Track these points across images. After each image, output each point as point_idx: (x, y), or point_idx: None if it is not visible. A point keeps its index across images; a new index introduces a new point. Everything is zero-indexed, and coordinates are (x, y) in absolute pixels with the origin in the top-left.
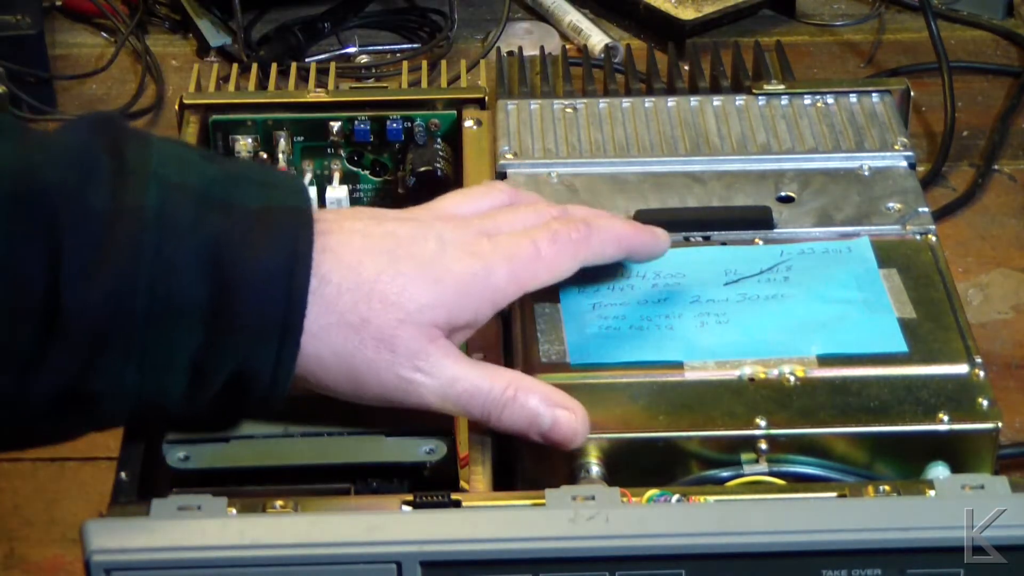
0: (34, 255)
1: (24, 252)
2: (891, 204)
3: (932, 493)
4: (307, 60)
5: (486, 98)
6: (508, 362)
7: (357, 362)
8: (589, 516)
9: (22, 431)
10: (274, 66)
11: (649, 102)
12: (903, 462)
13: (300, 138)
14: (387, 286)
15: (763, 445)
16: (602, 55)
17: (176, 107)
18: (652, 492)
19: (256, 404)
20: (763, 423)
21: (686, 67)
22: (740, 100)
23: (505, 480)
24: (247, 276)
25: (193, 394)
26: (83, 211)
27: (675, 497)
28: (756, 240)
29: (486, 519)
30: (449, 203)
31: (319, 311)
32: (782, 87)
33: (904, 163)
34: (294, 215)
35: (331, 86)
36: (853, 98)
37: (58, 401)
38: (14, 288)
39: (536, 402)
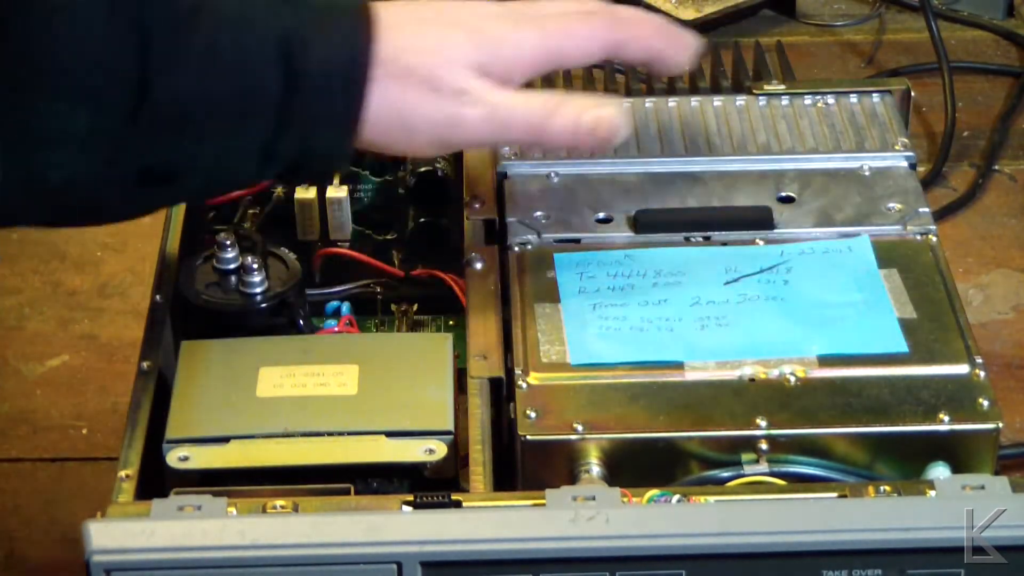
0: (127, 48)
1: (118, 46)
2: (891, 204)
3: (932, 493)
4: None
5: None
6: (508, 362)
7: (406, 109)
8: (589, 516)
9: (99, 207)
10: None
11: (650, 102)
12: (903, 462)
13: None
14: (427, 37)
15: (763, 445)
16: None
17: None
18: (652, 492)
19: (316, 175)
20: (763, 423)
21: None
22: (741, 100)
23: (505, 480)
24: (314, 71)
25: (261, 172)
26: (170, 7)
27: (675, 497)
28: (756, 240)
29: (486, 519)
30: None
31: (373, 72)
32: (782, 87)
33: (904, 163)
34: (355, 14)
35: None
36: (853, 98)
37: (140, 178)
38: (108, 78)
39: (575, 107)
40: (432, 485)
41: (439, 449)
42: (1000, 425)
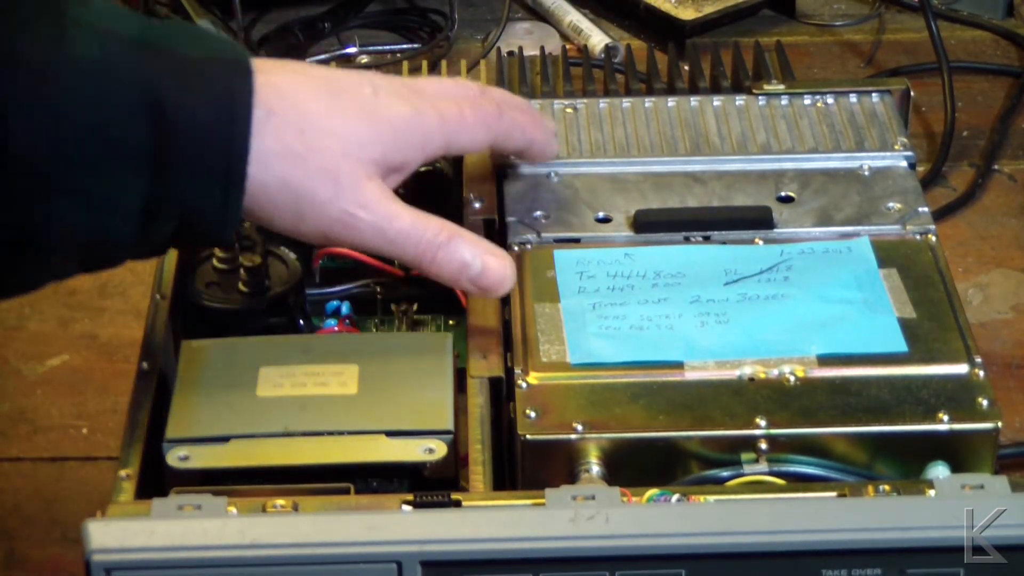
0: None
1: None
2: (891, 204)
3: (932, 493)
4: (307, 60)
5: None
6: (508, 362)
7: (302, 192)
8: (589, 516)
9: None
10: None
11: (649, 102)
12: (903, 462)
13: None
14: (330, 120)
15: (763, 445)
16: (602, 55)
17: None
18: (652, 492)
19: (207, 242)
20: (763, 423)
21: (686, 67)
22: (740, 100)
23: (505, 480)
24: (189, 124)
25: (147, 237)
26: (18, 63)
27: (675, 497)
28: (756, 240)
29: (486, 519)
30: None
31: (265, 140)
32: (782, 87)
33: (904, 163)
34: (233, 65)
35: None
36: (853, 98)
37: (10, 252)
38: None
39: (467, 248)
40: (432, 485)
41: (439, 449)
42: (1000, 425)
